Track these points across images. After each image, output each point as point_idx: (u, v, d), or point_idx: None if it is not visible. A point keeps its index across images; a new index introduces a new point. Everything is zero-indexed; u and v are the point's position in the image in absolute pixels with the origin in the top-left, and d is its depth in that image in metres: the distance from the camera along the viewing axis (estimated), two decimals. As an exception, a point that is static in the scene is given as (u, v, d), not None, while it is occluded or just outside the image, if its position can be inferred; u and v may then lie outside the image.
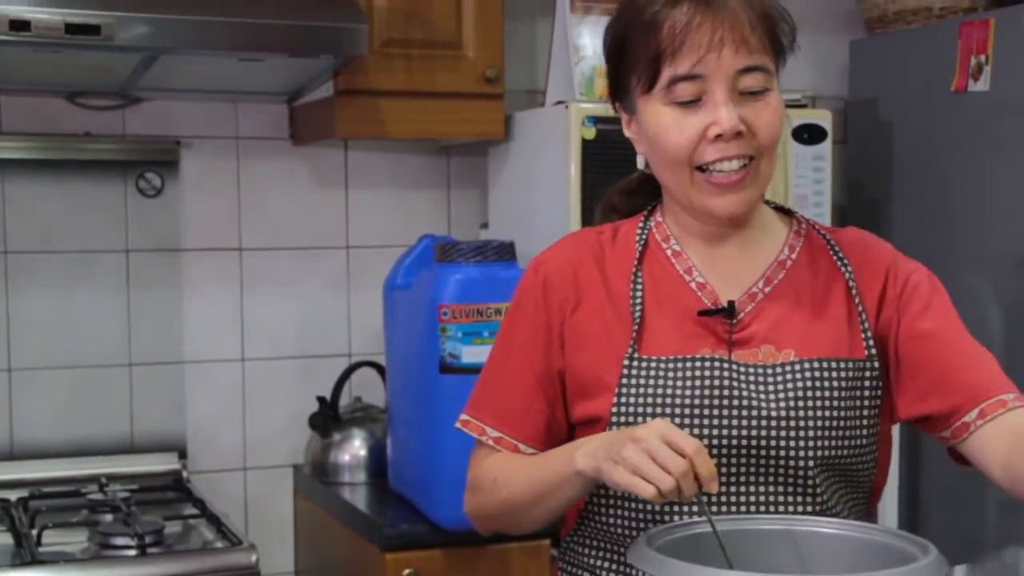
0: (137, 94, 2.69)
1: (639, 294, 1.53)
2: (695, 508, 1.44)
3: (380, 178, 2.92)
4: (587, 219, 2.40)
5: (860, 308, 1.54)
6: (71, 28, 2.12)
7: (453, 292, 2.25)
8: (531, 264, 1.61)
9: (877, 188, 3.05)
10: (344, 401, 2.78)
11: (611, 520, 1.51)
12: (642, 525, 1.47)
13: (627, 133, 1.58)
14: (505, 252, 2.30)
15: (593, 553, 1.55)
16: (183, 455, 2.74)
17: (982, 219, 2.73)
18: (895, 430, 2.85)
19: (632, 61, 1.50)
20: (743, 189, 1.49)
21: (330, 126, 2.58)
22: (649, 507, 1.47)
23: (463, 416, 1.60)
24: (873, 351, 1.52)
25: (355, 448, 2.69)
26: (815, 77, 3.17)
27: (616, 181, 1.72)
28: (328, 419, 2.71)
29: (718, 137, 1.45)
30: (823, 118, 2.72)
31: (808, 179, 2.69)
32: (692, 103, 1.46)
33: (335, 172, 2.89)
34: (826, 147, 2.71)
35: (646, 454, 1.30)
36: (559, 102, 2.59)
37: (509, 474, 1.54)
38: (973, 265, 2.73)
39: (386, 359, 2.60)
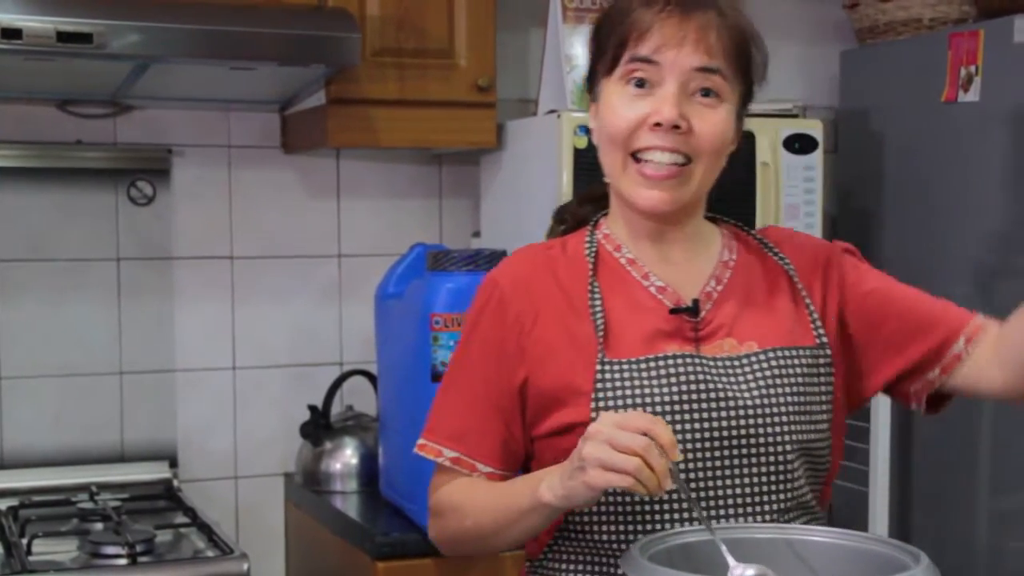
0: (128, 102, 2.69)
1: (599, 302, 1.54)
2: (686, 505, 1.45)
3: (372, 187, 2.92)
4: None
5: (806, 298, 1.58)
6: (63, 36, 2.12)
7: (445, 301, 2.25)
8: (483, 283, 1.62)
9: (867, 198, 3.06)
10: (335, 410, 2.78)
11: (597, 533, 1.50)
12: (631, 536, 1.47)
13: (591, 123, 1.60)
14: (497, 261, 2.28)
15: (573, 568, 1.54)
16: (174, 464, 2.73)
17: (972, 229, 2.74)
18: (883, 437, 2.86)
19: (601, 49, 1.54)
20: (672, 188, 1.51)
21: (322, 135, 2.57)
22: (639, 516, 1.47)
23: (420, 441, 1.61)
24: (824, 339, 1.56)
25: (346, 457, 2.68)
26: (805, 87, 3.18)
27: None
28: (319, 428, 2.71)
29: (656, 126, 1.47)
30: (814, 128, 2.73)
31: (799, 189, 2.70)
32: (644, 88, 1.49)
33: (327, 181, 2.89)
34: (817, 157, 2.72)
35: (606, 444, 1.30)
36: (551, 111, 2.59)
37: (472, 502, 1.55)
38: (963, 274, 2.73)
39: (378, 368, 2.60)
